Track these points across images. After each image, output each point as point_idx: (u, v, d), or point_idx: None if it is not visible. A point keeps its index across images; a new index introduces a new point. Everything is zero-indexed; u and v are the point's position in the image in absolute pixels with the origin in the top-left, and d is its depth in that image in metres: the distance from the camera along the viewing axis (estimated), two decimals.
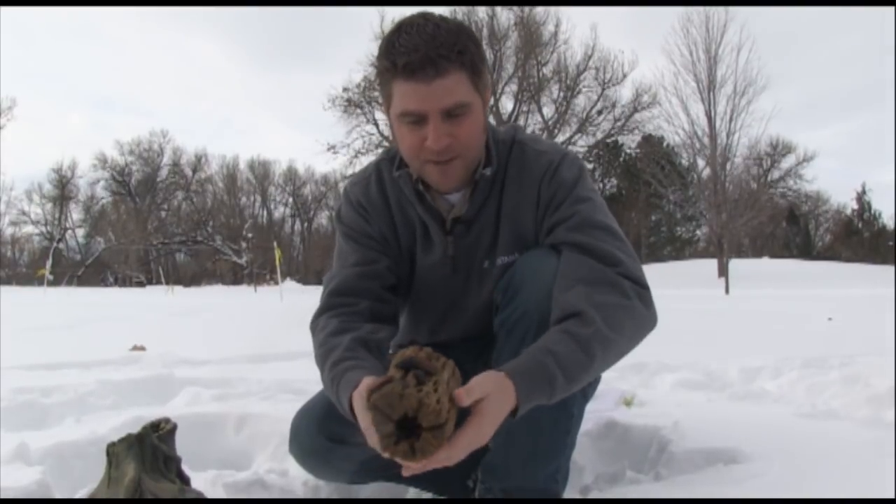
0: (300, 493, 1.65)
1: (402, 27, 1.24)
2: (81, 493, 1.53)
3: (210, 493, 1.47)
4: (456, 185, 1.36)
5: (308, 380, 2.72)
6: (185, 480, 1.40)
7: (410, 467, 0.99)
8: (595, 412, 1.92)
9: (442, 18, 1.25)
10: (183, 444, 1.45)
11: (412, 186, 1.40)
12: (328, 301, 1.39)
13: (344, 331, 1.31)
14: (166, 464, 1.38)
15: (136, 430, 1.38)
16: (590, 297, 1.20)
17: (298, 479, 1.69)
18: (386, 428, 0.97)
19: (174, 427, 1.42)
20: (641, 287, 1.27)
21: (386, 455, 0.98)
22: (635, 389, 2.52)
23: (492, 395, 1.04)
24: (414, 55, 1.20)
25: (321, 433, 1.45)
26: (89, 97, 72.78)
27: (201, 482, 1.56)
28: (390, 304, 1.42)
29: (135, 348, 4.26)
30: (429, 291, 1.48)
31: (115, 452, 1.34)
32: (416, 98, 1.22)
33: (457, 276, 1.44)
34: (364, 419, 1.06)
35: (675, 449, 1.70)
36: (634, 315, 1.24)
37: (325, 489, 1.65)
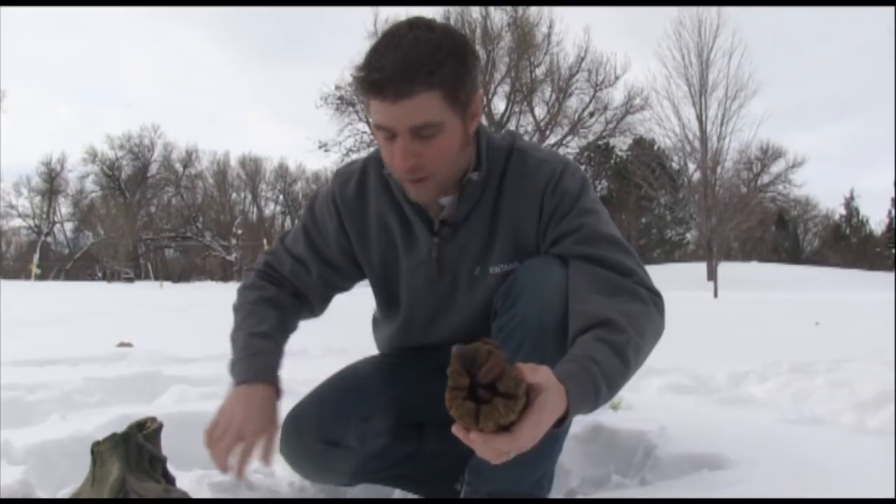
0: (286, 495, 1.64)
1: (382, 39, 1.23)
2: (64, 493, 1.52)
3: (195, 494, 1.46)
4: (428, 200, 1.35)
5: (297, 380, 2.71)
6: (170, 480, 1.39)
7: (465, 437, 0.95)
8: (582, 415, 1.92)
9: (427, 28, 1.22)
10: (169, 443, 1.44)
11: (400, 186, 1.38)
12: (265, 269, 1.53)
13: (274, 303, 1.47)
14: (151, 463, 1.37)
15: (121, 428, 1.37)
16: (614, 306, 1.19)
17: (284, 480, 1.69)
18: (461, 380, 0.93)
19: (160, 426, 1.41)
20: (655, 295, 1.27)
21: (451, 411, 0.94)
22: (622, 393, 2.52)
23: (551, 389, 1.00)
24: (381, 74, 1.18)
25: (314, 436, 1.45)
26: (78, 90, 72.63)
27: (187, 482, 1.55)
28: (309, 301, 1.53)
29: (121, 345, 4.23)
30: (416, 294, 1.46)
31: (100, 451, 1.33)
32: (385, 115, 1.22)
33: (443, 281, 1.42)
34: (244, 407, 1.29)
35: (661, 454, 1.70)
36: (654, 322, 1.24)
37: (311, 490, 1.65)
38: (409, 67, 1.18)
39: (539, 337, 1.25)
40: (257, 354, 1.37)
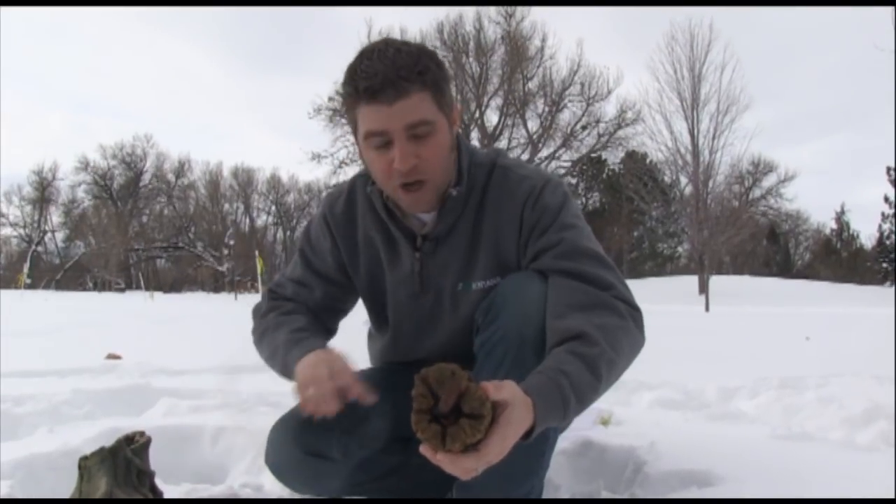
0: None
1: (363, 54, 1.27)
2: None
3: None
4: (427, 209, 1.37)
5: (285, 393, 2.70)
6: (157, 495, 1.38)
7: (433, 457, 0.96)
8: (572, 431, 1.92)
9: (403, 43, 1.29)
10: (158, 457, 1.44)
11: (383, 203, 1.41)
12: (271, 298, 1.55)
13: (295, 312, 1.48)
14: (139, 478, 1.36)
15: (110, 442, 1.37)
16: (589, 319, 1.20)
17: (273, 494, 1.68)
18: (426, 402, 0.95)
19: (148, 441, 1.40)
20: (634, 309, 1.28)
21: (417, 434, 0.95)
22: (612, 408, 2.52)
23: (517, 404, 1.02)
24: (375, 79, 1.22)
25: (298, 446, 1.45)
26: (69, 99, 72.33)
27: (175, 496, 1.55)
28: (320, 318, 1.53)
29: (110, 356, 4.20)
30: (401, 308, 1.48)
31: (87, 466, 1.33)
32: (379, 119, 1.24)
33: (426, 296, 1.44)
34: (306, 374, 1.27)
35: (650, 470, 1.70)
36: (630, 336, 1.25)
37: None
38: (401, 69, 1.23)
39: (520, 350, 1.26)
40: (307, 339, 1.38)
